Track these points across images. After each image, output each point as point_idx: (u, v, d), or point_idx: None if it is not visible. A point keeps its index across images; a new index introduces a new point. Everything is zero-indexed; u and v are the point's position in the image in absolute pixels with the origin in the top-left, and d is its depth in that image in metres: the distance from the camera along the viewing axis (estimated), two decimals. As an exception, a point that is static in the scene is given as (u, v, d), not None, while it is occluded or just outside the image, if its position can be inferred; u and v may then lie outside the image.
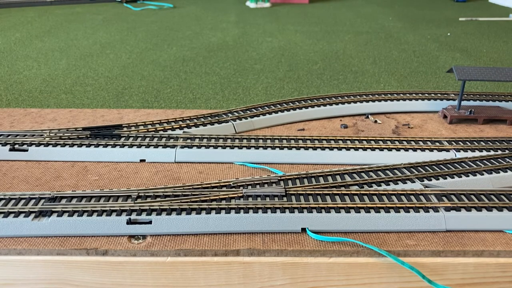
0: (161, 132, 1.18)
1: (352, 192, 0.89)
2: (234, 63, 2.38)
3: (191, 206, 0.84)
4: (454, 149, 1.09)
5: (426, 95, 1.46)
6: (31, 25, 3.36)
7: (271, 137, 1.15)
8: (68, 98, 1.85)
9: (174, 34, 3.11)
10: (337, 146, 1.10)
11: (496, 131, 1.26)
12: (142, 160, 1.08)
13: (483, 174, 0.98)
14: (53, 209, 0.83)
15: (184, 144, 1.10)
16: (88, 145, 1.09)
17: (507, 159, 1.04)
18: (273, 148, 1.10)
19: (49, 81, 2.06)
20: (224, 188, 0.91)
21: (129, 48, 2.71)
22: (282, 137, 1.15)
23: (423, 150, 1.09)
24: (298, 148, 1.10)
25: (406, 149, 1.09)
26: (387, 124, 1.30)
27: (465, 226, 0.84)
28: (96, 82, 2.05)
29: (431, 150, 1.09)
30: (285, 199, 0.87)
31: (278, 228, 0.82)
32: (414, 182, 0.94)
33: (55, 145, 1.09)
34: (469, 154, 1.08)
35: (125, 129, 1.19)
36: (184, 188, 0.90)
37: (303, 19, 3.70)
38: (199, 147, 1.10)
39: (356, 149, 1.09)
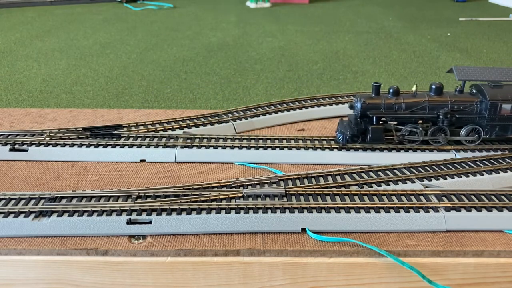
0: (161, 132, 1.18)
1: (352, 192, 0.89)
2: (234, 63, 2.39)
3: (191, 206, 0.84)
4: (454, 149, 1.10)
5: (426, 95, 1.45)
6: (31, 25, 3.36)
7: (271, 137, 1.15)
8: (68, 98, 1.85)
9: (174, 34, 3.11)
10: (337, 146, 1.10)
11: (496, 131, 1.26)
12: (142, 160, 1.08)
13: (483, 175, 0.98)
14: (53, 209, 0.83)
15: (184, 144, 1.10)
16: (88, 145, 1.09)
17: (507, 159, 1.04)
18: (273, 148, 1.10)
19: (49, 81, 2.06)
20: (224, 188, 0.91)
21: (129, 48, 2.71)
22: (282, 137, 1.15)
23: (423, 150, 1.09)
24: (298, 148, 1.10)
25: (406, 149, 1.09)
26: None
27: (465, 226, 0.84)
28: (96, 82, 2.05)
29: (431, 150, 1.09)
30: (285, 199, 0.87)
31: (278, 228, 0.82)
32: (414, 182, 0.94)
33: (55, 145, 1.09)
34: (469, 154, 1.08)
35: (125, 129, 1.19)
36: (184, 188, 0.90)
37: (303, 19, 3.70)
38: (199, 147, 1.10)
39: (356, 149, 1.09)
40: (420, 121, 1.09)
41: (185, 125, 1.22)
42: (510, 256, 0.79)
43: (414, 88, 1.09)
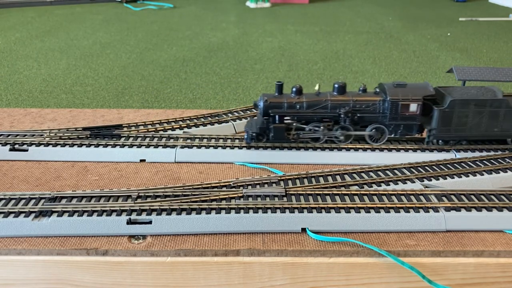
0: (161, 132, 1.18)
1: (352, 192, 0.89)
2: (234, 63, 2.39)
3: (191, 206, 0.84)
4: (454, 149, 1.10)
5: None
6: (31, 25, 3.37)
7: (271, 137, 1.15)
8: (68, 98, 1.85)
9: (174, 34, 3.11)
10: (337, 146, 1.10)
11: (496, 131, 1.26)
12: (142, 160, 1.08)
13: (483, 174, 0.98)
14: (53, 209, 0.83)
15: (184, 144, 1.10)
16: (88, 145, 1.09)
17: (507, 159, 1.04)
18: (273, 148, 1.10)
19: (49, 81, 2.06)
20: (224, 188, 0.91)
21: (129, 48, 2.71)
22: (282, 137, 1.15)
23: (423, 150, 1.09)
24: (298, 148, 1.10)
25: (406, 149, 1.09)
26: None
27: (465, 226, 0.84)
28: (96, 82, 2.05)
29: (431, 150, 1.09)
30: (285, 199, 0.87)
31: (278, 228, 0.82)
32: (414, 182, 0.94)
33: (55, 145, 1.09)
34: (469, 154, 1.08)
35: (125, 129, 1.19)
36: (184, 188, 0.90)
37: (303, 19, 3.70)
38: (199, 147, 1.10)
39: (356, 149, 1.09)
40: (327, 120, 1.09)
41: (185, 125, 1.22)
42: (510, 256, 0.79)
43: (316, 87, 1.09)
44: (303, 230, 0.82)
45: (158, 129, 1.19)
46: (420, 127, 1.09)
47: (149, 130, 1.18)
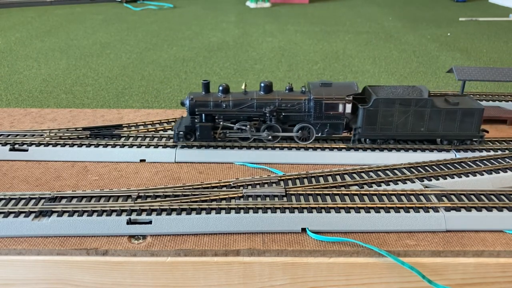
0: (161, 132, 1.18)
1: (352, 192, 0.89)
2: (234, 63, 2.39)
3: (191, 206, 0.84)
4: (454, 149, 1.10)
5: (426, 95, 1.45)
6: (31, 25, 3.37)
7: (271, 137, 1.15)
8: (68, 98, 1.85)
9: (174, 34, 3.11)
10: (337, 146, 1.10)
11: (496, 131, 1.26)
12: (142, 160, 1.08)
13: (483, 175, 0.98)
14: (53, 209, 0.83)
15: (184, 144, 1.10)
16: (88, 145, 1.09)
17: (507, 159, 1.04)
18: (273, 148, 1.10)
19: (49, 81, 2.06)
20: (224, 188, 0.91)
21: (129, 48, 2.71)
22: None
23: (423, 150, 1.09)
24: (298, 148, 1.10)
25: (406, 149, 1.09)
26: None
27: (465, 226, 0.84)
28: (96, 82, 2.05)
29: (431, 150, 1.09)
30: (285, 199, 0.87)
31: (278, 228, 0.82)
32: (414, 182, 0.94)
33: (55, 145, 1.09)
34: (469, 154, 1.08)
35: (125, 129, 1.19)
36: (184, 188, 0.90)
37: (303, 19, 3.70)
38: (199, 147, 1.10)
39: (356, 149, 1.09)
40: (254, 119, 1.09)
41: (185, 125, 1.21)
42: (510, 256, 0.79)
43: (243, 86, 1.09)
44: (303, 230, 0.82)
45: (158, 129, 1.19)
46: (347, 126, 1.09)
47: (149, 130, 1.19)
